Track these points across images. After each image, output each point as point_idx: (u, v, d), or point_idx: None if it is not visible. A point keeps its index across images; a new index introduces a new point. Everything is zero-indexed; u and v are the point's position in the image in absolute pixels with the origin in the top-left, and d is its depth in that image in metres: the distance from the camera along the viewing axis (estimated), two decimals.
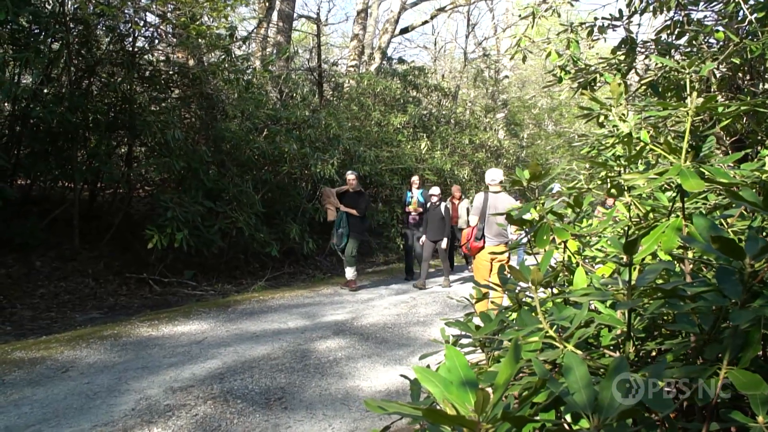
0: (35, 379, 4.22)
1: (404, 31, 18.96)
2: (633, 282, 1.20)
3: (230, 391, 4.05)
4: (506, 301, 2.38)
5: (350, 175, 8.51)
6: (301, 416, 3.65)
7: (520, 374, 1.90)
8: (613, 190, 2.18)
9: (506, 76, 21.40)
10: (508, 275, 2.29)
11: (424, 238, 9.07)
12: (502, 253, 5.90)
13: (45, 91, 7.93)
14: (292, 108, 10.91)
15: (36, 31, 7.54)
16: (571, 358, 0.99)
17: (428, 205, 9.19)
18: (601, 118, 4.36)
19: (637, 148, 1.96)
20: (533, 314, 1.96)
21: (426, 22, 19.05)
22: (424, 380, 1.11)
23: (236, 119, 9.71)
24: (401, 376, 2.64)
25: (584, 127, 21.72)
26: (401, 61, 17.31)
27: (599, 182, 3.17)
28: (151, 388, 4.07)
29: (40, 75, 7.43)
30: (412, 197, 9.63)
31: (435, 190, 9.07)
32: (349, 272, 8.45)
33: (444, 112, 17.19)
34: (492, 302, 3.88)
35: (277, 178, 10.05)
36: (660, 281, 1.50)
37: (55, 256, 7.68)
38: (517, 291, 2.18)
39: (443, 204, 9.08)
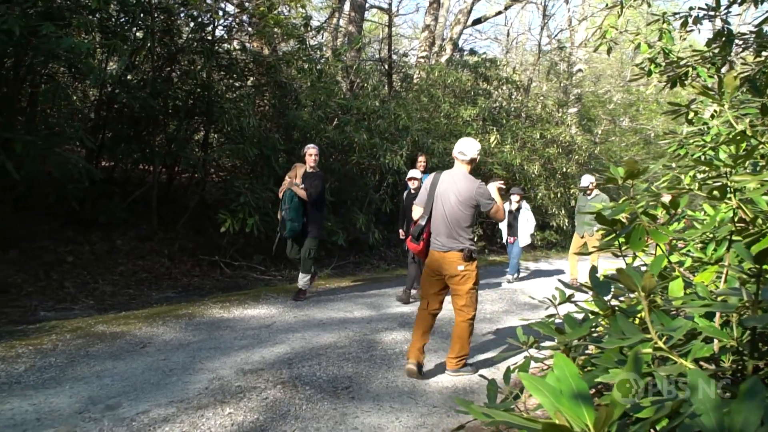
0: (116, 353, 4.42)
1: (477, 22, 18.68)
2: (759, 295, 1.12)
3: (299, 377, 4.12)
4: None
5: (311, 149, 6.69)
6: (368, 407, 3.66)
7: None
8: (715, 192, 2.06)
9: (580, 70, 20.75)
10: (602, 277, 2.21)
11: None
12: (463, 270, 4.19)
13: (129, 77, 8.26)
14: (362, 98, 10.95)
15: (123, 19, 7.87)
16: (697, 376, 0.93)
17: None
18: (691, 115, 4.15)
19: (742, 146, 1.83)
20: (632, 322, 1.87)
21: (500, 12, 18.72)
22: (533, 388, 1.07)
23: (307, 108, 9.84)
24: (480, 376, 2.60)
25: (662, 123, 20.86)
26: (473, 52, 17.07)
27: (692, 183, 3.00)
28: (223, 369, 4.19)
29: (125, 62, 7.75)
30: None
31: (505, 187, 8.95)
32: (303, 279, 6.76)
33: (515, 106, 16.86)
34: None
35: (345, 168, 10.13)
36: None
37: (135, 235, 8.03)
38: (609, 296, 2.09)
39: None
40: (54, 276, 6.59)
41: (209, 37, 8.87)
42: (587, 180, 8.79)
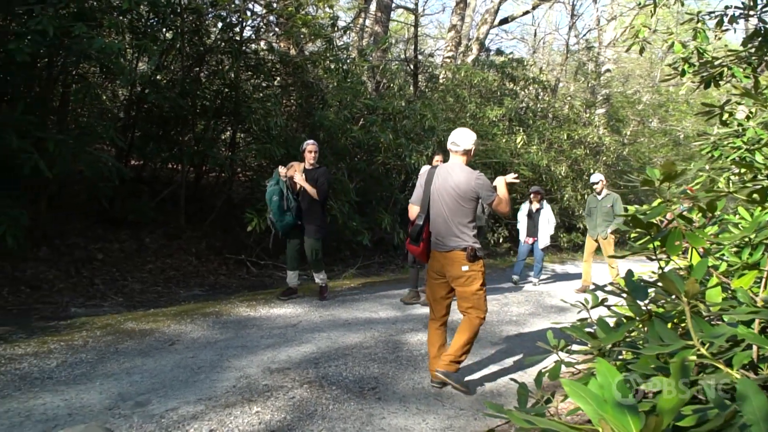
0: (145, 350, 4.47)
1: (504, 21, 18.54)
2: None
3: (325, 377, 4.11)
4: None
5: (310, 145, 6.37)
6: (394, 408, 3.64)
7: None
8: (755, 195, 1.99)
9: (608, 70, 20.45)
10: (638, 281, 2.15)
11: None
12: (468, 270, 3.86)
13: (159, 77, 8.37)
14: (388, 98, 10.94)
15: (153, 20, 7.98)
16: (747, 386, 0.89)
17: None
18: (725, 116, 4.05)
19: None
20: (670, 328, 1.82)
21: (527, 12, 18.56)
22: (575, 395, 1.04)
23: (333, 108, 9.86)
24: (511, 380, 2.57)
25: (692, 125, 20.46)
26: (499, 52, 16.95)
27: (727, 185, 2.91)
28: (250, 367, 4.20)
29: (155, 62, 7.85)
30: None
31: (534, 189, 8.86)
32: (318, 277, 6.65)
33: (542, 106, 16.69)
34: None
35: (371, 168, 10.12)
36: None
37: (163, 234, 8.14)
38: (647, 301, 2.04)
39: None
40: (84, 273, 6.70)
41: (237, 38, 8.94)
42: (597, 178, 8.48)
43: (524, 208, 8.93)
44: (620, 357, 2.25)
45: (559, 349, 2.49)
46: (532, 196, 8.86)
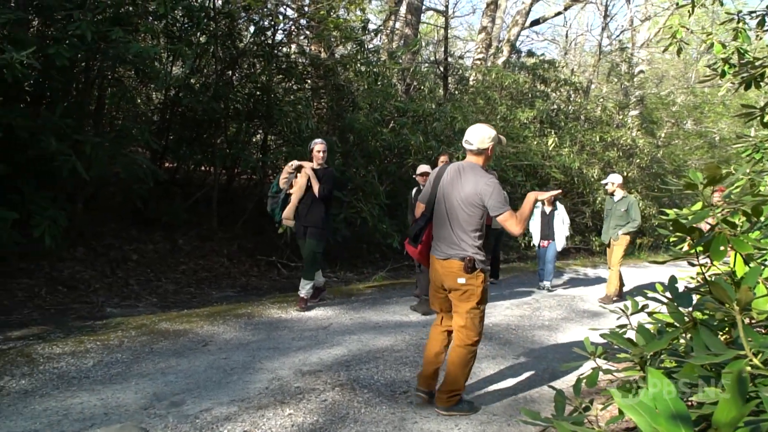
0: (179, 350, 4.51)
1: (535, 23, 18.38)
2: None
3: (356, 380, 4.09)
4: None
5: (318, 145, 6.09)
6: (426, 413, 3.60)
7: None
8: None
9: (641, 71, 20.09)
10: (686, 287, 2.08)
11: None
12: (465, 284, 3.42)
13: (192, 81, 8.48)
14: (418, 101, 10.91)
15: (187, 24, 8.10)
16: None
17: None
18: (766, 118, 3.91)
19: None
20: (718, 337, 1.75)
21: (559, 13, 18.38)
22: (626, 407, 1.00)
23: (363, 110, 9.87)
24: (549, 386, 2.51)
25: (728, 126, 19.97)
26: (530, 54, 16.78)
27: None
28: (282, 369, 4.21)
29: (190, 66, 7.96)
30: None
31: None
32: (304, 286, 6.18)
33: (573, 108, 16.47)
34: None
35: (401, 171, 10.10)
36: None
37: (195, 235, 8.24)
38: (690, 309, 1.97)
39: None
40: (119, 273, 6.81)
41: (269, 41, 9.02)
42: (610, 179, 7.89)
43: (537, 209, 8.58)
44: (661, 365, 2.18)
45: (597, 356, 2.43)
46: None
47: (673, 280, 2.14)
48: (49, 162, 5.96)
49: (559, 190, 4.03)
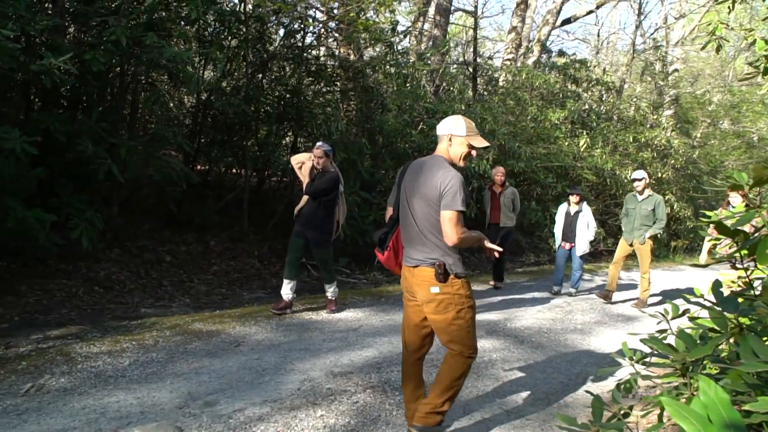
0: (212, 351, 4.56)
1: (566, 22, 18.16)
2: None
3: (387, 382, 4.09)
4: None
5: (317, 150, 5.77)
6: (458, 416, 3.58)
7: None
8: None
9: (676, 70, 19.67)
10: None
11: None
12: (439, 293, 2.93)
13: (224, 84, 8.59)
14: (448, 102, 10.86)
15: (219, 29, 8.20)
16: None
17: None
18: None
19: None
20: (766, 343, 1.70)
21: (591, 11, 18.12)
22: (676, 414, 0.97)
23: (392, 112, 9.86)
24: (587, 392, 2.46)
25: (767, 125, 19.41)
26: (561, 53, 16.58)
27: None
28: (313, 371, 4.22)
29: (221, 69, 8.06)
30: None
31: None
32: (329, 289, 6.17)
33: (606, 108, 16.21)
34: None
35: None
36: None
37: (227, 237, 8.32)
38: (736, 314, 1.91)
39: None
40: (153, 274, 6.92)
41: (299, 44, 9.08)
42: (639, 175, 7.53)
43: (561, 209, 8.25)
44: (703, 372, 2.12)
45: (635, 362, 2.37)
46: (570, 197, 8.02)
47: (717, 284, 2.07)
48: (85, 165, 6.09)
49: (500, 249, 3.28)
